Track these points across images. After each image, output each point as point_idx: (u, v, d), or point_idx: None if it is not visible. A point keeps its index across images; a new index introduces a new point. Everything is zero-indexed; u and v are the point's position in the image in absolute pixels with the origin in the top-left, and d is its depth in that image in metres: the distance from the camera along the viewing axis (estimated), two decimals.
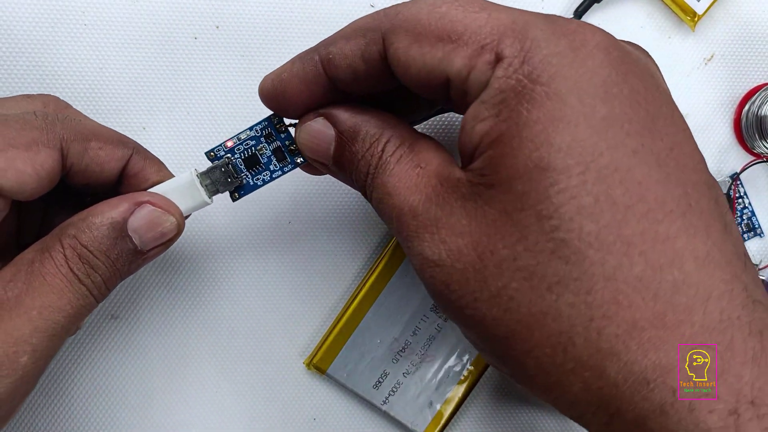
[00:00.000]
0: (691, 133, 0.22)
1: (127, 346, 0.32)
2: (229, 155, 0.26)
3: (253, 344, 0.33)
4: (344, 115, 0.24)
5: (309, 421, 0.33)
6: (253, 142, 0.26)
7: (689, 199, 0.20)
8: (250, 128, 0.26)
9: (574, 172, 0.19)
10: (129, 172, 0.26)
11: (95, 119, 0.27)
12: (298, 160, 0.26)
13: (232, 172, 0.26)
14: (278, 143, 0.26)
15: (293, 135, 0.26)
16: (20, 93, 0.30)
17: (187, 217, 0.26)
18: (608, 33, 0.21)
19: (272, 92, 0.25)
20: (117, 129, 0.27)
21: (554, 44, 0.20)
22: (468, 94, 0.21)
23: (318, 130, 0.24)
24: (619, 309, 0.19)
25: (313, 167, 0.26)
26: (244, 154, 0.26)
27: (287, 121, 0.26)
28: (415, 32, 0.21)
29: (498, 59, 0.20)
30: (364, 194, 0.24)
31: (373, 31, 0.22)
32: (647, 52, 0.24)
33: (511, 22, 0.21)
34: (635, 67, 0.21)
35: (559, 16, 0.22)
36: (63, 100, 0.27)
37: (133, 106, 0.31)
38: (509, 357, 0.21)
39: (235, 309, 0.32)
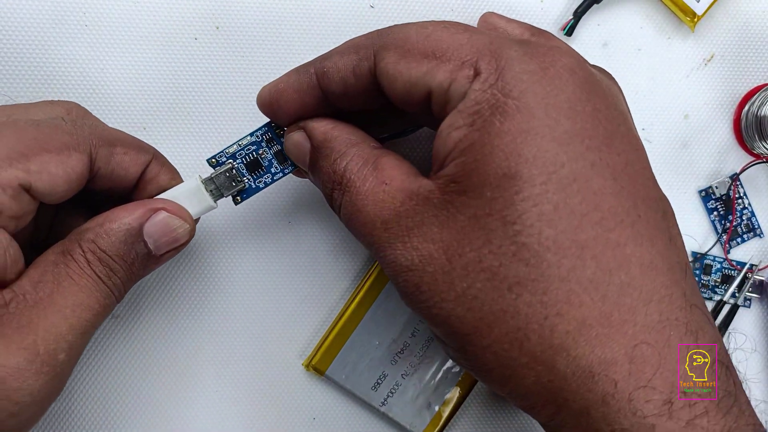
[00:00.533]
0: (645, 152, 0.24)
1: (127, 345, 0.32)
2: (231, 160, 0.27)
3: (252, 345, 0.33)
4: (319, 130, 0.25)
5: (308, 421, 0.33)
6: (255, 147, 0.27)
7: (638, 210, 0.22)
8: (251, 134, 0.27)
9: (538, 182, 0.21)
10: (145, 177, 0.26)
11: None
12: None
13: (236, 176, 0.27)
14: (279, 147, 0.27)
15: None
16: (21, 93, 0.30)
17: (195, 222, 0.27)
18: (578, 56, 0.23)
19: (269, 100, 0.26)
20: (117, 129, 0.27)
21: (526, 63, 0.22)
22: (447, 105, 0.23)
23: (298, 140, 0.26)
24: (571, 308, 0.21)
25: (300, 171, 0.28)
26: (246, 159, 0.27)
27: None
28: (404, 49, 0.23)
29: (476, 74, 0.22)
30: (331, 205, 0.26)
31: (366, 48, 0.24)
32: (611, 76, 0.26)
33: (489, 42, 0.23)
34: (598, 88, 0.23)
35: (534, 37, 0.23)
36: (83, 107, 0.28)
37: (133, 107, 0.31)
38: (470, 352, 0.22)
39: (235, 309, 0.32)
